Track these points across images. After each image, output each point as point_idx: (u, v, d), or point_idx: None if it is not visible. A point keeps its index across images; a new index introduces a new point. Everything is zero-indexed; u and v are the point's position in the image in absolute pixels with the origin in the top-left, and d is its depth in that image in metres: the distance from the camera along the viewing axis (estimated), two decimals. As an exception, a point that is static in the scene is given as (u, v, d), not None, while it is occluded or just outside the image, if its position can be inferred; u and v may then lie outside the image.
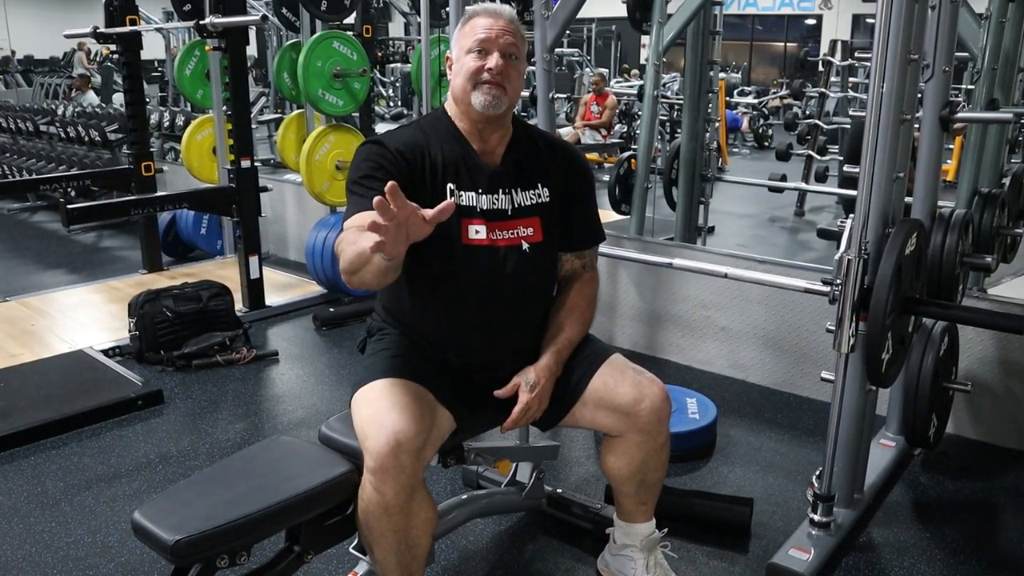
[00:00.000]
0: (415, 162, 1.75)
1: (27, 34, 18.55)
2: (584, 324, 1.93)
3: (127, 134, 5.35)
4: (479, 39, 1.74)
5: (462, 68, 1.76)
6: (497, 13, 1.76)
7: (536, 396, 1.79)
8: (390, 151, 1.74)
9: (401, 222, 1.34)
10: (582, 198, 1.95)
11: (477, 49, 1.74)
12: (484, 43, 1.74)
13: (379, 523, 1.62)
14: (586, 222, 1.96)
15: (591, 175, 1.99)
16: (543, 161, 1.88)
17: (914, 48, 2.03)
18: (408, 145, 1.76)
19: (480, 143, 1.82)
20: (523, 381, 1.80)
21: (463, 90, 1.76)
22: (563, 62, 11.98)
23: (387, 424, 1.59)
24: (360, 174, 1.73)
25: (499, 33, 1.74)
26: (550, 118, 2.58)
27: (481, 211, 1.78)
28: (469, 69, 1.74)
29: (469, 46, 1.75)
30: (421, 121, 1.88)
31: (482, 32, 1.74)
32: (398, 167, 1.72)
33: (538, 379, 1.80)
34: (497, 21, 1.75)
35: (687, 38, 4.52)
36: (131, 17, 4.57)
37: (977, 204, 2.95)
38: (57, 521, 2.42)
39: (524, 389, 1.79)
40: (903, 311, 2.11)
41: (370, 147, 1.77)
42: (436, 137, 1.80)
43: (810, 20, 18.93)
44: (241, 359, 3.62)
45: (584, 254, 1.97)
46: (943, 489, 2.60)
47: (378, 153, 1.74)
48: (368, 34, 4.88)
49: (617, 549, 2.04)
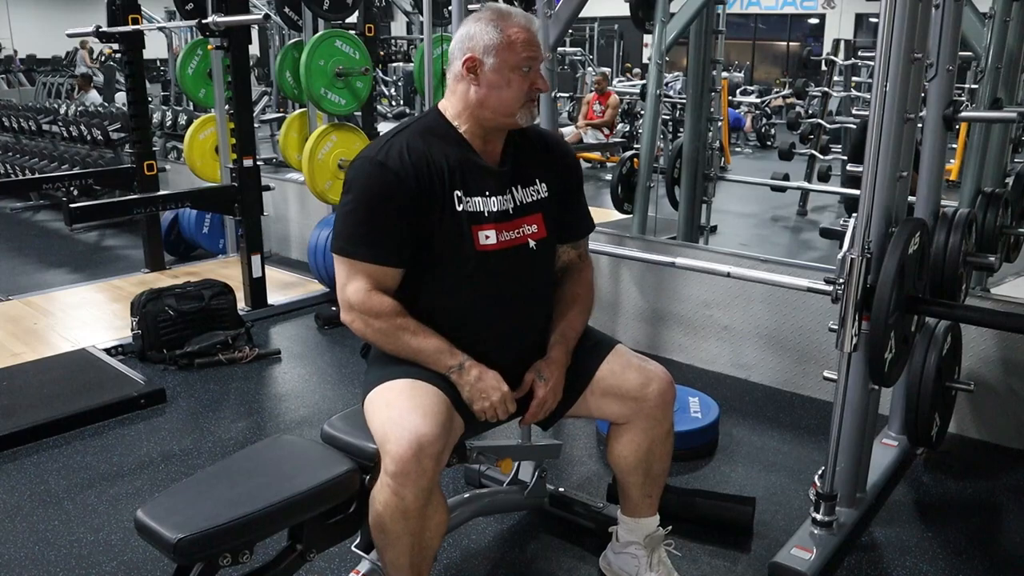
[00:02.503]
0: (422, 176, 1.70)
1: (30, 33, 18.56)
2: (588, 312, 1.94)
3: (129, 133, 5.36)
4: (529, 57, 1.72)
5: (510, 84, 1.72)
6: (532, 26, 1.76)
7: (551, 389, 1.81)
8: (391, 172, 1.69)
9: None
10: (576, 190, 1.97)
11: (527, 67, 1.73)
12: (532, 61, 1.73)
13: (396, 526, 1.61)
14: (580, 213, 1.98)
15: (580, 165, 2.02)
16: (539, 157, 1.88)
17: (918, 47, 2.02)
18: (412, 159, 1.71)
19: (482, 144, 1.80)
20: (536, 376, 1.81)
21: (510, 107, 1.73)
22: (565, 61, 11.98)
23: (409, 427, 1.58)
24: (363, 206, 1.70)
25: (538, 48, 1.76)
26: (553, 117, 2.58)
27: (489, 214, 1.76)
28: (524, 90, 1.73)
29: (518, 63, 1.71)
30: (416, 124, 1.81)
31: (529, 50, 1.73)
32: (403, 192, 1.69)
33: (551, 373, 1.81)
34: (535, 36, 1.75)
35: (690, 37, 4.52)
36: (133, 16, 4.57)
37: (980, 203, 2.95)
38: (60, 519, 2.43)
39: (539, 384, 1.80)
40: (906, 310, 2.10)
41: (370, 169, 1.71)
42: (437, 142, 1.76)
43: (813, 19, 18.90)
44: (243, 358, 3.63)
45: (579, 244, 1.99)
46: (946, 489, 2.60)
47: (381, 181, 1.69)
48: (370, 33, 4.88)
49: (620, 547, 2.04)
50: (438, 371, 1.71)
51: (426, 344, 1.72)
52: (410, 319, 1.73)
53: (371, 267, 1.72)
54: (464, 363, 1.72)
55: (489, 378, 1.74)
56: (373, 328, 1.73)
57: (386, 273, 1.73)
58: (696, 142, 4.63)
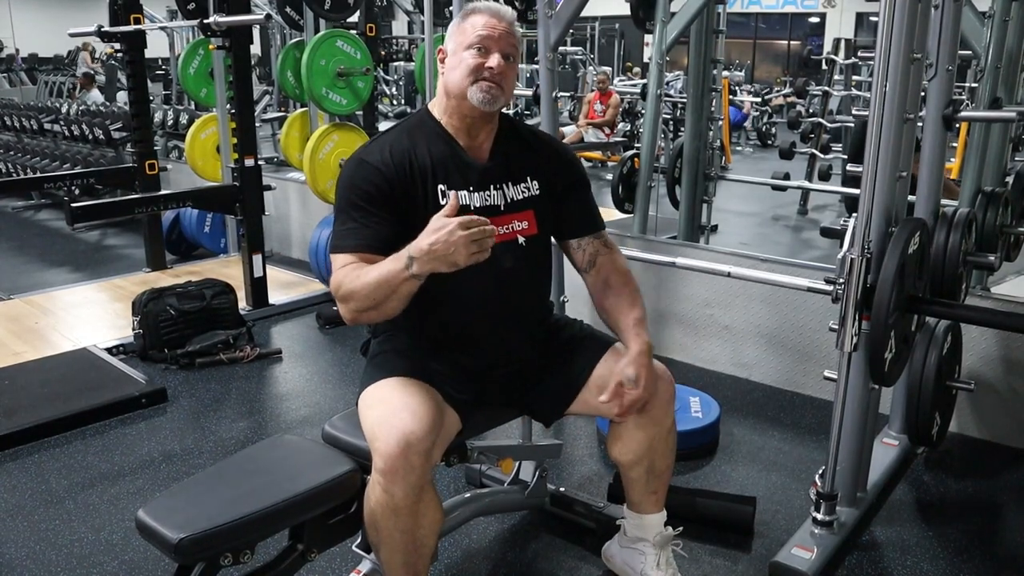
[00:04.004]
0: (403, 168, 1.74)
1: (32, 32, 18.55)
2: (638, 293, 1.90)
3: (131, 132, 5.36)
4: (481, 36, 1.74)
5: (460, 63, 1.75)
6: (499, 14, 1.77)
7: (644, 389, 1.77)
8: (371, 166, 1.74)
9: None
10: (581, 186, 1.96)
11: (478, 46, 1.74)
12: (486, 41, 1.74)
13: (387, 523, 1.62)
14: (590, 208, 1.97)
15: (578, 162, 2.02)
16: (530, 155, 1.89)
17: (917, 46, 2.02)
18: (392, 153, 1.75)
19: (467, 139, 1.81)
20: (624, 379, 1.76)
21: (460, 84, 1.75)
22: (566, 60, 11.98)
23: (397, 425, 1.59)
24: (347, 203, 1.73)
25: (501, 34, 1.76)
26: (554, 116, 2.58)
27: (474, 209, 1.77)
28: (469, 65, 1.74)
29: (470, 42, 1.75)
30: (404, 123, 1.86)
31: (484, 30, 1.74)
32: (384, 183, 1.72)
33: (638, 371, 1.76)
34: (500, 22, 1.76)
35: (690, 36, 4.52)
36: (135, 16, 4.57)
37: (980, 203, 2.95)
38: (61, 519, 2.43)
39: (629, 387, 1.75)
40: (906, 310, 2.10)
41: (352, 169, 1.77)
42: (422, 138, 1.79)
43: (813, 18, 18.88)
44: (244, 357, 3.63)
45: (600, 234, 1.96)
46: (946, 488, 2.60)
47: (361, 177, 1.73)
48: (372, 33, 4.89)
49: (628, 542, 2.05)
50: (404, 278, 1.58)
51: (381, 268, 1.62)
52: (363, 265, 1.66)
53: (352, 256, 1.69)
54: (411, 254, 1.57)
55: (433, 237, 1.54)
56: (350, 295, 1.65)
57: (367, 261, 1.68)
58: (697, 141, 4.63)
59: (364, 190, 1.72)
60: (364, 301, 1.64)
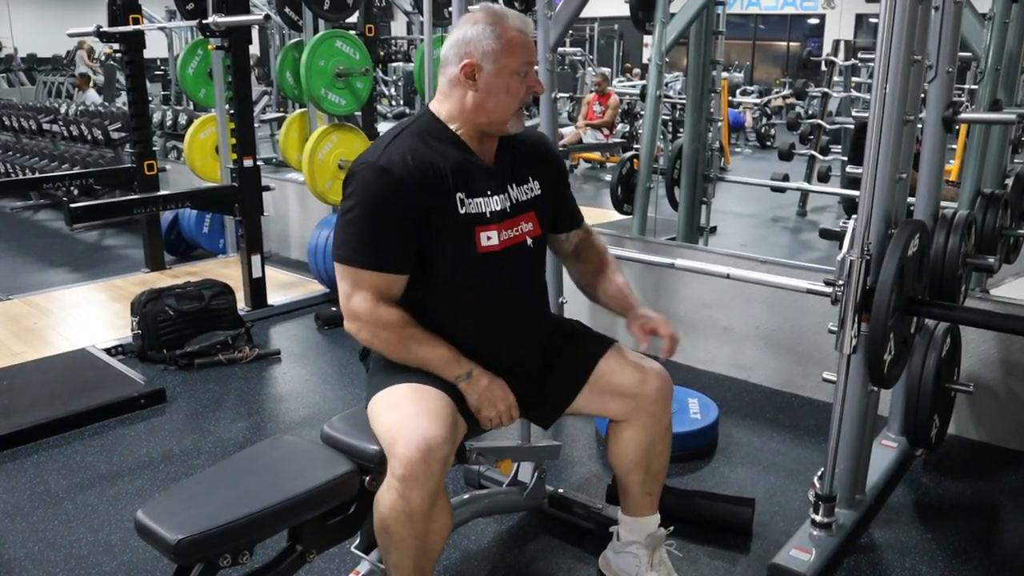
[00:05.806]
0: (428, 180, 1.67)
1: (30, 32, 18.54)
2: (620, 269, 2.04)
3: (130, 133, 5.35)
4: (526, 62, 1.72)
5: (508, 90, 1.70)
6: (527, 28, 1.74)
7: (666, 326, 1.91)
8: (395, 177, 1.65)
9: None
10: (566, 183, 2.01)
11: (524, 72, 1.72)
12: (529, 66, 1.73)
13: (401, 529, 1.60)
14: (572, 202, 2.03)
15: (561, 158, 2.06)
16: (530, 155, 1.88)
17: (917, 48, 2.02)
18: (415, 163, 1.67)
19: (478, 146, 1.78)
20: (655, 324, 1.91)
21: (505, 114, 1.73)
22: (566, 61, 11.98)
23: (418, 430, 1.57)
24: (366, 213, 1.66)
25: (534, 54, 1.76)
26: (553, 118, 2.58)
27: (492, 214, 1.75)
28: (519, 93, 1.72)
29: (517, 68, 1.70)
30: (413, 127, 1.76)
31: (526, 54, 1.72)
32: (409, 195, 1.65)
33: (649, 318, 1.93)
34: (530, 39, 1.75)
35: (690, 37, 4.52)
36: (134, 16, 4.57)
37: (980, 205, 2.95)
38: (60, 519, 2.43)
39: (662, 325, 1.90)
40: (905, 312, 2.10)
41: (373, 177, 1.66)
42: (436, 145, 1.73)
43: (813, 20, 18.90)
44: (243, 358, 3.63)
45: (582, 225, 2.05)
46: (945, 490, 2.60)
47: (385, 187, 1.65)
48: (371, 33, 4.89)
49: (621, 546, 2.05)
50: (446, 374, 1.72)
51: (434, 353, 1.71)
52: (417, 328, 1.72)
53: (376, 276, 1.68)
54: (472, 371, 1.73)
55: (497, 387, 1.76)
56: (381, 339, 1.72)
57: (391, 281, 1.70)
58: (696, 143, 4.63)
59: (388, 202, 1.65)
60: (387, 350, 1.75)
